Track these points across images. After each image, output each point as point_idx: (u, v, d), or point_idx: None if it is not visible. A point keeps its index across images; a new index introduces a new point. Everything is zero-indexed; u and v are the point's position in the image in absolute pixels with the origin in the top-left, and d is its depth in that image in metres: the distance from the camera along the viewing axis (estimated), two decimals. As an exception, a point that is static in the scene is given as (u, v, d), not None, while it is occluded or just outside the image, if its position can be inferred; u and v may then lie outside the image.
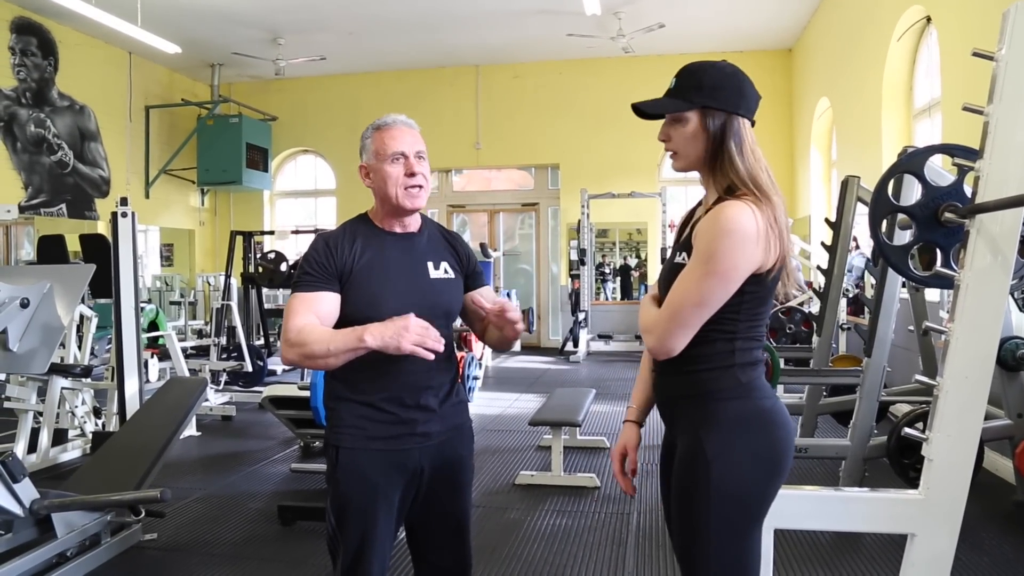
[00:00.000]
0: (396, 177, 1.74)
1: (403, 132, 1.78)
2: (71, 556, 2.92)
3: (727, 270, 1.39)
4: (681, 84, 1.48)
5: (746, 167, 1.44)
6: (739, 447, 1.43)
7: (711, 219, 1.42)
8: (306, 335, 1.65)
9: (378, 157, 1.77)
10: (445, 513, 1.83)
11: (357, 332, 1.61)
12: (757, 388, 1.48)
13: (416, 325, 1.58)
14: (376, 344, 1.58)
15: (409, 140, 1.77)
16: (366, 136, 1.81)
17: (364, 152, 1.82)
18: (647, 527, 3.50)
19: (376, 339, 1.58)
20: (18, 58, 8.24)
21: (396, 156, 1.75)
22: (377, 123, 1.80)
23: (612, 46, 9.17)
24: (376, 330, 1.59)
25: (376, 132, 1.79)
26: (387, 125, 1.78)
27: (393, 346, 1.57)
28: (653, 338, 1.46)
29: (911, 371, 5.11)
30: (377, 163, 1.77)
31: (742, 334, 1.48)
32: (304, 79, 11.00)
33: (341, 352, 1.62)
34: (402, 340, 1.56)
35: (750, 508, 1.44)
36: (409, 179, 1.75)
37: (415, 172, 1.75)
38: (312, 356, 1.64)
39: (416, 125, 1.82)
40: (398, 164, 1.75)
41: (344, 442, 1.74)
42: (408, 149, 1.76)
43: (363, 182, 1.82)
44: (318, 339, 1.64)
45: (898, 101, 6.44)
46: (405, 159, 1.75)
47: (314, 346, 1.63)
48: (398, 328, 1.57)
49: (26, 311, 2.54)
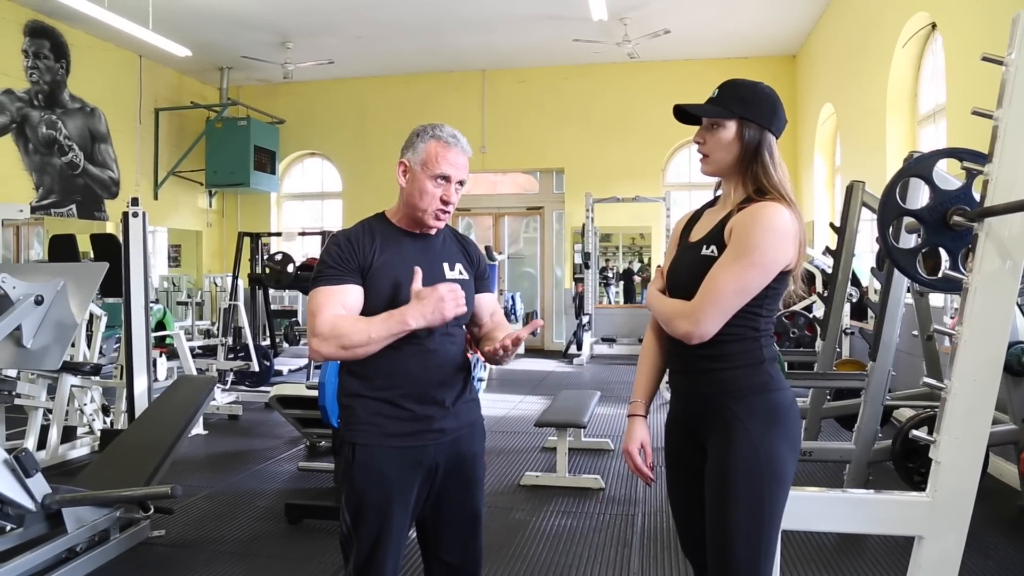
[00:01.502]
0: (432, 196, 1.76)
1: (458, 157, 1.78)
2: (80, 551, 2.95)
3: (768, 262, 1.51)
4: (724, 95, 1.61)
5: (778, 176, 1.58)
6: (777, 434, 1.55)
7: (751, 216, 1.53)
8: (341, 327, 1.65)
9: (424, 168, 1.76)
10: (458, 510, 1.84)
11: (396, 316, 1.64)
12: (780, 379, 1.60)
13: (447, 291, 1.64)
14: (421, 324, 1.64)
15: (460, 166, 1.78)
16: (421, 138, 1.78)
17: (411, 150, 1.79)
18: (652, 528, 3.51)
19: (418, 319, 1.63)
20: (31, 60, 8.31)
21: (441, 177, 1.75)
22: (438, 132, 1.78)
23: (618, 51, 9.20)
24: (415, 311, 1.63)
25: (434, 142, 1.77)
26: (447, 143, 1.77)
27: (439, 319, 1.64)
28: (690, 322, 1.54)
29: (915, 376, 5.12)
30: (422, 173, 1.76)
31: (764, 330, 1.59)
32: (312, 83, 11.05)
33: (383, 338, 1.64)
34: (445, 310, 1.63)
35: (787, 487, 1.57)
36: (442, 205, 1.77)
37: (450, 201, 1.78)
38: (351, 346, 1.64)
39: (470, 150, 1.83)
40: (439, 187, 1.75)
41: (360, 439, 1.74)
42: (455, 176, 1.77)
43: (397, 177, 1.81)
44: (356, 329, 1.65)
45: (903, 107, 6.45)
46: (446, 184, 1.76)
47: (353, 336, 1.64)
48: (434, 301, 1.63)
49: (40, 308, 2.57)
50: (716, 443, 1.58)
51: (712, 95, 1.63)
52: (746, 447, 1.53)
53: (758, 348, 1.58)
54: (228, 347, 7.26)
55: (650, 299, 1.70)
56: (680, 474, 1.71)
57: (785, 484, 1.56)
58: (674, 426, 1.73)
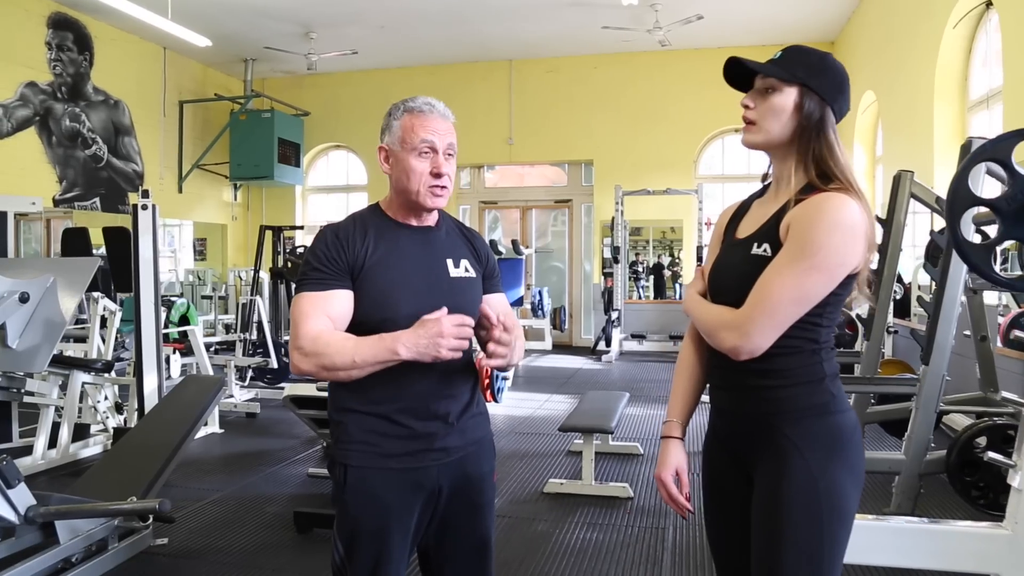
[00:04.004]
0: (420, 173, 1.54)
1: (437, 123, 1.56)
2: (76, 562, 2.80)
3: (835, 266, 1.27)
4: (788, 57, 1.36)
5: (844, 161, 1.32)
6: (839, 463, 1.33)
7: (815, 209, 1.28)
8: (323, 344, 1.45)
9: (404, 145, 1.55)
10: (465, 537, 1.63)
11: (386, 343, 1.42)
12: (843, 399, 1.36)
13: (450, 328, 1.40)
14: (411, 356, 1.41)
15: (442, 131, 1.56)
16: (394, 116, 1.58)
17: (387, 133, 1.58)
18: (684, 544, 3.27)
19: (411, 351, 1.40)
20: (54, 53, 8.25)
21: (424, 149, 1.54)
22: (409, 104, 1.57)
23: (648, 39, 8.90)
24: (409, 340, 1.41)
25: (407, 115, 1.56)
26: (420, 111, 1.56)
27: (429, 357, 1.40)
28: (738, 335, 1.30)
29: (966, 379, 4.80)
30: (402, 151, 1.55)
31: (824, 342, 1.35)
32: (336, 74, 10.90)
33: (368, 364, 1.43)
34: (440, 349, 1.40)
35: (849, 526, 1.33)
36: (434, 179, 1.55)
37: (442, 173, 1.55)
38: (332, 368, 1.44)
39: (452, 116, 1.60)
40: (424, 159, 1.54)
41: (353, 460, 1.54)
42: (439, 143, 1.55)
43: (380, 166, 1.61)
44: (340, 349, 1.44)
45: (952, 92, 6.10)
46: (433, 154, 1.54)
47: (336, 357, 1.44)
48: (432, 336, 1.39)
49: (26, 306, 2.40)
50: (766, 473, 1.34)
51: (774, 56, 1.38)
52: (803, 479, 1.30)
53: (818, 363, 1.34)
54: (248, 343, 7.14)
55: (689, 304, 1.46)
56: (720, 504, 1.47)
57: (847, 523, 1.32)
58: (715, 447, 1.49)
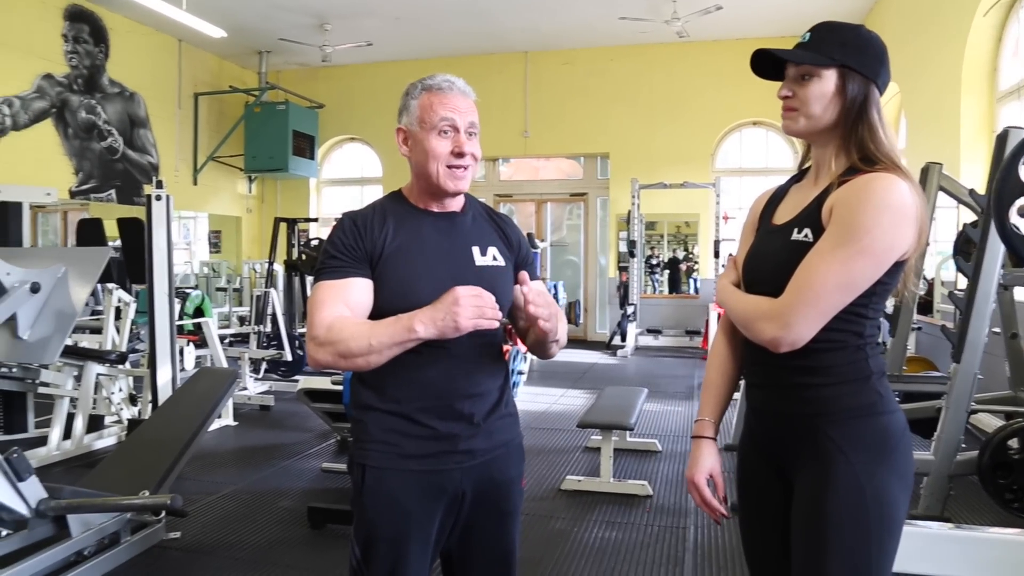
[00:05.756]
0: (441, 154, 1.47)
1: (458, 100, 1.48)
2: (88, 555, 2.77)
3: (883, 250, 1.19)
4: (819, 37, 1.27)
5: (889, 141, 1.24)
6: (888, 468, 1.24)
7: (861, 190, 1.20)
8: (338, 331, 1.37)
9: (423, 124, 1.48)
10: (489, 545, 1.56)
11: (403, 322, 1.34)
12: (891, 399, 1.27)
13: (466, 296, 1.31)
14: (431, 333, 1.32)
15: (463, 110, 1.49)
16: (412, 95, 1.51)
17: (405, 113, 1.51)
18: (706, 544, 3.19)
19: (428, 326, 1.32)
20: (71, 45, 8.25)
21: (444, 128, 1.47)
22: (428, 82, 1.50)
23: (666, 30, 8.77)
24: (425, 315, 1.33)
25: (426, 94, 1.49)
26: (440, 89, 1.49)
27: (450, 328, 1.31)
28: (778, 325, 1.21)
29: (995, 377, 4.68)
30: (421, 131, 1.48)
31: (870, 336, 1.26)
32: (350, 66, 10.85)
33: (386, 347, 1.35)
34: (458, 318, 1.30)
35: (898, 536, 1.25)
36: (456, 159, 1.47)
37: (464, 152, 1.47)
38: (349, 355, 1.36)
39: (473, 93, 1.53)
40: (445, 139, 1.47)
41: (372, 460, 1.47)
42: (460, 121, 1.47)
43: (399, 148, 1.54)
44: (355, 334, 1.37)
45: (980, 83, 5.95)
46: (455, 133, 1.47)
47: (351, 343, 1.36)
48: (448, 306, 1.31)
49: (38, 296, 2.36)
50: (807, 477, 1.26)
51: (803, 39, 1.29)
52: (848, 485, 1.21)
53: (863, 359, 1.26)
54: (262, 335, 7.11)
55: (722, 295, 1.37)
56: (756, 510, 1.39)
57: (896, 532, 1.24)
58: (751, 447, 1.41)
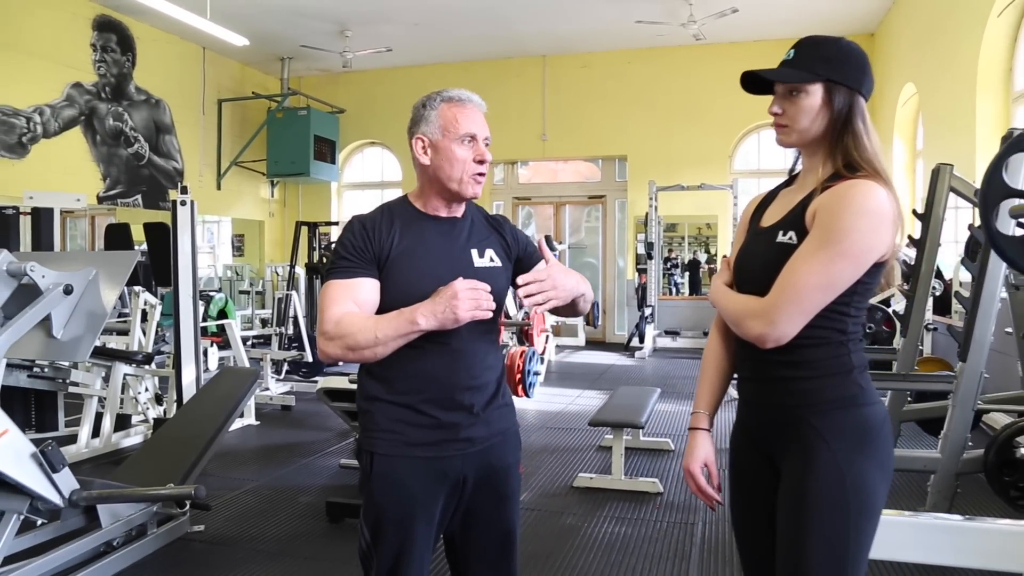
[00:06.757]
0: (464, 161, 1.59)
1: (476, 113, 1.63)
2: (117, 546, 2.90)
3: (861, 252, 1.28)
4: (803, 54, 1.37)
5: (872, 148, 1.35)
6: (867, 457, 1.33)
7: (841, 196, 1.30)
8: (346, 325, 1.50)
9: (447, 134, 1.59)
10: (490, 527, 1.67)
11: (406, 315, 1.47)
12: (872, 391, 1.36)
13: (463, 289, 1.45)
14: (432, 324, 1.45)
15: (480, 123, 1.63)
16: (430, 106, 1.62)
17: (425, 123, 1.62)
18: (713, 540, 3.26)
19: (429, 318, 1.45)
20: (99, 54, 8.49)
21: (467, 137, 1.59)
22: (448, 95, 1.63)
23: (683, 33, 8.83)
24: (426, 308, 1.46)
25: (446, 105, 1.61)
26: (460, 101, 1.62)
27: (450, 320, 1.44)
28: (764, 322, 1.31)
29: (1006, 376, 4.69)
30: (445, 141, 1.59)
31: (852, 333, 1.35)
32: (371, 72, 11.01)
33: (391, 339, 1.48)
34: (457, 310, 1.43)
35: (876, 521, 1.33)
36: (478, 166, 1.60)
37: (486, 159, 1.61)
38: (356, 347, 1.49)
39: (485, 105, 1.68)
40: (467, 147, 1.59)
41: (379, 448, 1.60)
42: (479, 133, 1.61)
43: (417, 156, 1.63)
44: (362, 328, 1.49)
45: (995, 84, 5.94)
46: (474, 142, 1.60)
47: (358, 336, 1.48)
48: (447, 299, 1.44)
49: (70, 298, 2.49)
50: (792, 464, 1.35)
51: (787, 57, 1.38)
52: (829, 472, 1.30)
53: (845, 354, 1.35)
54: (284, 336, 7.26)
55: (715, 294, 1.46)
56: (746, 496, 1.48)
57: (874, 517, 1.32)
58: (742, 437, 1.50)
